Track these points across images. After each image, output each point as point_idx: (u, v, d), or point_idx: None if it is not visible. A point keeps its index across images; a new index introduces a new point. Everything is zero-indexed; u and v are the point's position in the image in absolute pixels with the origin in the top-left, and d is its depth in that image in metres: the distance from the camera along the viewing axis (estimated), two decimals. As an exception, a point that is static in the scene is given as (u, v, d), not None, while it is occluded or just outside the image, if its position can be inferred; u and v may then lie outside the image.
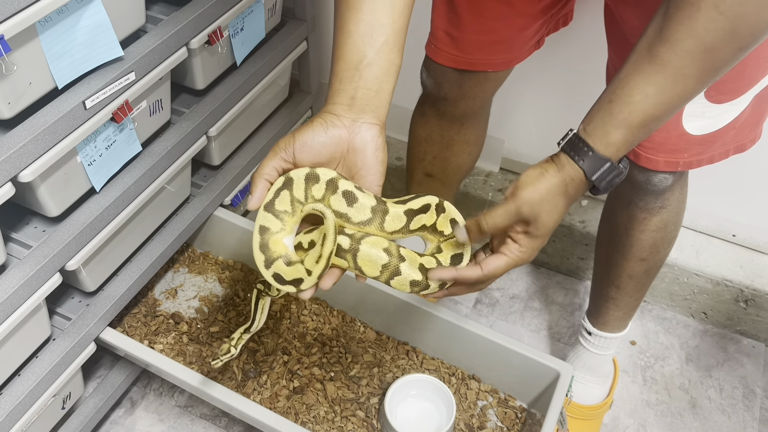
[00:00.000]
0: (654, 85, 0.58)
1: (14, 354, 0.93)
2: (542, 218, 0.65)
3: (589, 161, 0.63)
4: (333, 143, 0.67)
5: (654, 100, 0.59)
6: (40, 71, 0.82)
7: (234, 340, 0.86)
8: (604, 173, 0.63)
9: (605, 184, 0.64)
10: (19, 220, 0.97)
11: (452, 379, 1.15)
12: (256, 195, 0.68)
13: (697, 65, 0.56)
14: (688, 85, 0.58)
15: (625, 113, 0.60)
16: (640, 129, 0.61)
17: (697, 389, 1.33)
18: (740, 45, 0.55)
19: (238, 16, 1.10)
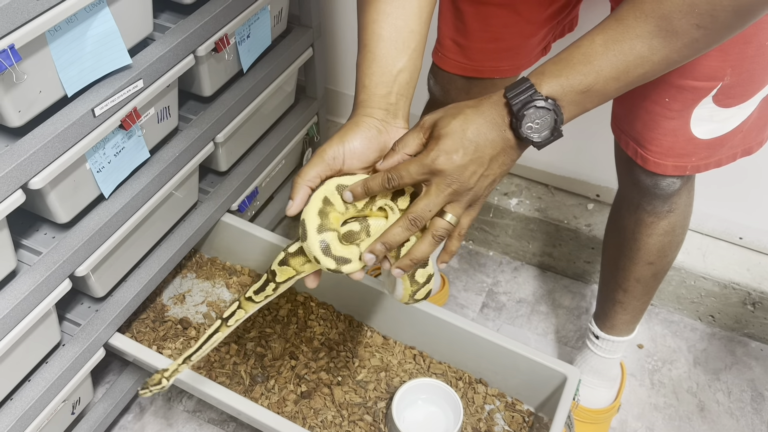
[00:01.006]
0: (604, 35, 0.59)
1: (25, 359, 0.94)
2: (443, 120, 0.63)
3: (513, 84, 0.62)
4: (380, 149, 0.68)
5: (597, 48, 0.59)
6: (50, 80, 0.83)
7: (168, 371, 0.82)
8: (519, 92, 0.60)
9: (519, 104, 0.60)
10: (30, 226, 0.98)
11: (459, 383, 1.15)
12: (297, 201, 0.68)
13: (649, 28, 0.56)
14: (635, 46, 0.57)
15: (567, 52, 0.60)
16: (576, 72, 0.59)
17: (705, 393, 1.32)
18: (696, 22, 0.55)
19: (244, 23, 1.11)
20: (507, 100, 0.61)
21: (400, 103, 0.69)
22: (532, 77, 0.61)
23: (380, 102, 0.68)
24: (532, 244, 1.50)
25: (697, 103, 0.81)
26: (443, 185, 0.63)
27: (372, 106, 0.68)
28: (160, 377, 0.82)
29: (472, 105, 0.63)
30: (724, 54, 0.75)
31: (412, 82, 0.70)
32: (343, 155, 0.68)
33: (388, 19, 0.67)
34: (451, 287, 1.48)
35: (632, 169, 0.93)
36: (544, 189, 1.51)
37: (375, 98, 0.68)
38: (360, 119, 0.68)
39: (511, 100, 0.61)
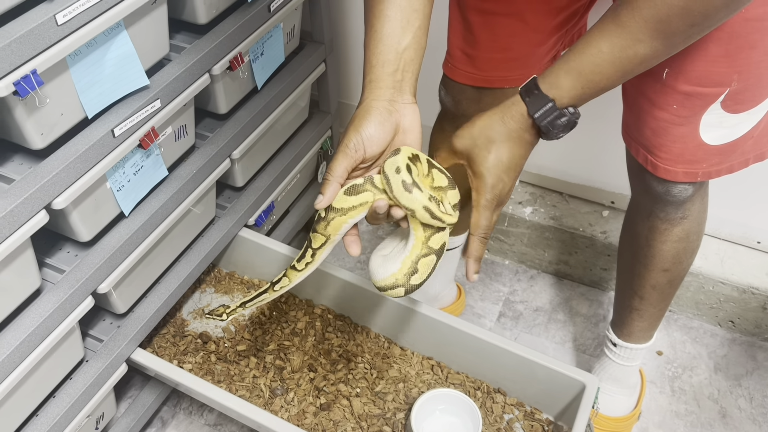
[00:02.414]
0: (608, 43, 0.64)
1: (49, 376, 0.96)
2: (477, 154, 0.71)
3: (534, 99, 0.68)
4: (393, 129, 0.73)
5: (606, 57, 0.64)
6: (71, 102, 0.85)
7: (230, 308, 0.91)
8: (545, 112, 0.68)
9: (546, 123, 0.68)
10: (53, 245, 1.01)
11: (478, 393, 1.15)
12: (328, 195, 0.73)
13: (650, 33, 0.61)
14: (639, 50, 0.63)
15: (577, 62, 0.66)
16: (588, 81, 0.66)
17: (726, 399, 1.31)
18: (691, 22, 0.60)
19: (258, 41, 1.13)
20: (533, 120, 0.69)
21: (407, 78, 0.73)
22: (550, 92, 0.68)
23: (388, 80, 0.72)
24: (547, 252, 1.51)
25: (705, 109, 0.81)
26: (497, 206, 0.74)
27: (381, 86, 0.72)
28: (223, 311, 0.91)
29: (499, 129, 0.70)
30: (730, 60, 0.75)
31: (417, 59, 0.74)
32: (363, 143, 0.72)
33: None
34: (468, 297, 1.48)
35: (644, 177, 0.93)
36: (559, 197, 1.51)
37: (383, 76, 0.72)
38: (369, 104, 0.72)
39: (537, 120, 0.69)
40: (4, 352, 0.85)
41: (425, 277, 0.78)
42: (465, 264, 0.79)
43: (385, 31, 0.72)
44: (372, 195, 0.74)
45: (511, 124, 0.70)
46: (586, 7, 0.96)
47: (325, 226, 0.77)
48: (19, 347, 0.86)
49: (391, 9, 0.71)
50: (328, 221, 0.76)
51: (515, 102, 0.70)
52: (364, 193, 0.74)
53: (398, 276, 0.77)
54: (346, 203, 0.75)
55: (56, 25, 0.77)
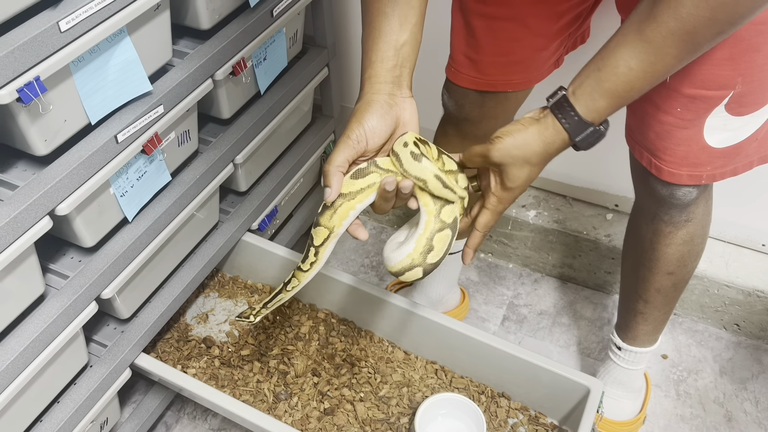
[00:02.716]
0: (638, 59, 0.64)
1: (54, 381, 0.96)
2: (511, 171, 0.72)
3: (575, 124, 0.69)
4: (394, 122, 0.75)
5: (636, 74, 0.65)
6: (74, 109, 0.86)
7: (256, 310, 0.90)
8: (587, 136, 0.69)
9: (586, 144, 0.70)
10: (56, 251, 1.01)
11: (482, 398, 1.15)
12: (335, 187, 0.73)
13: (678, 45, 0.62)
14: (668, 62, 0.64)
15: (611, 83, 0.66)
16: (622, 98, 0.67)
17: (732, 402, 1.31)
18: (718, 30, 0.60)
19: (260, 46, 1.13)
20: (576, 144, 0.70)
21: (404, 74, 0.75)
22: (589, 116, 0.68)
23: (387, 75, 0.74)
24: (551, 255, 1.50)
25: (710, 112, 0.81)
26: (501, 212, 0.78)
27: (380, 81, 0.74)
28: (249, 313, 0.90)
29: (540, 154, 0.71)
30: (734, 63, 0.75)
31: (414, 54, 0.76)
32: (366, 135, 0.73)
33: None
34: (472, 301, 1.48)
35: (648, 180, 0.93)
36: (563, 200, 1.50)
37: (382, 72, 0.74)
38: (370, 98, 0.74)
39: (580, 144, 0.70)
40: (8, 357, 0.85)
41: (442, 254, 0.77)
42: (462, 252, 0.81)
43: (383, 28, 0.73)
44: (378, 176, 0.74)
45: (551, 149, 0.71)
46: (588, 10, 0.96)
47: (331, 215, 0.76)
48: (24, 353, 0.86)
49: (388, 6, 0.73)
50: (335, 209, 0.75)
51: (556, 129, 0.70)
52: (371, 175, 0.74)
53: (414, 256, 0.77)
54: (354, 186, 0.74)
55: (59, 32, 0.77)
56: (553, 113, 0.70)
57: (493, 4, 0.92)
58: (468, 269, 1.54)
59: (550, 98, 0.70)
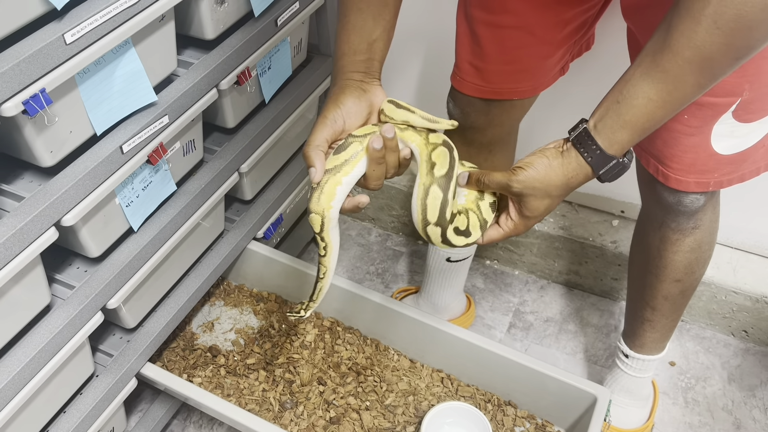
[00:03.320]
0: (657, 90, 0.63)
1: (60, 391, 0.96)
2: (533, 203, 0.72)
3: (597, 159, 0.69)
4: (369, 106, 0.76)
5: (656, 105, 0.64)
6: (80, 120, 0.86)
7: (305, 304, 0.88)
8: (610, 169, 0.69)
9: (611, 177, 0.70)
10: (62, 261, 1.01)
11: (488, 406, 1.14)
12: (318, 165, 0.72)
13: (695, 73, 0.61)
14: (687, 91, 0.63)
15: (630, 115, 0.65)
16: (643, 129, 0.67)
17: (741, 410, 1.30)
18: (736, 56, 0.59)
19: (265, 55, 1.13)
20: (600, 176, 0.70)
21: (375, 65, 0.77)
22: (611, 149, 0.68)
23: (359, 65, 0.76)
24: (557, 262, 1.50)
25: (717, 119, 0.80)
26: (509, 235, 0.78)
27: (352, 70, 0.76)
28: (300, 308, 0.88)
29: (561, 187, 0.71)
30: (741, 70, 0.74)
31: (385, 50, 0.79)
32: (343, 116, 0.74)
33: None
34: (478, 308, 1.48)
35: (654, 187, 0.93)
36: (568, 206, 1.50)
37: (355, 62, 0.76)
38: (345, 83, 0.75)
39: (603, 176, 0.70)
40: (15, 368, 0.85)
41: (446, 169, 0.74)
42: None
43: (357, 23, 0.76)
44: (360, 143, 0.73)
45: (573, 183, 0.71)
46: (594, 18, 0.96)
47: (318, 196, 0.74)
48: (30, 363, 0.86)
49: (363, 2, 0.75)
50: (321, 188, 0.73)
51: (579, 163, 0.69)
52: (352, 145, 0.73)
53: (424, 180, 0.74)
54: (337, 161, 0.73)
55: (65, 45, 0.77)
56: (575, 147, 0.69)
57: (498, 13, 0.91)
58: (474, 276, 1.53)
59: (572, 131, 0.70)
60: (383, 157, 0.73)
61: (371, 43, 0.76)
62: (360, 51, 0.76)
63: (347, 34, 0.76)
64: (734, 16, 0.56)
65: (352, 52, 0.76)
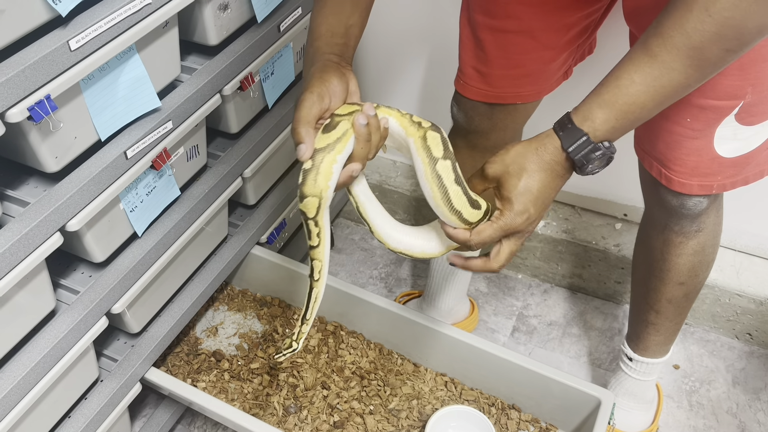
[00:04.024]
0: (642, 73, 0.63)
1: (65, 396, 0.96)
2: (507, 179, 0.70)
3: (567, 133, 0.68)
4: (346, 89, 0.75)
5: (639, 88, 0.63)
6: (84, 126, 0.86)
7: (295, 334, 0.85)
8: (579, 146, 0.67)
9: (581, 157, 0.68)
10: (67, 266, 1.01)
11: (492, 410, 1.14)
12: (308, 142, 0.70)
13: (683, 61, 0.61)
14: (673, 78, 0.62)
15: (611, 94, 0.65)
16: (623, 112, 0.65)
17: (745, 413, 1.29)
18: (726, 47, 0.59)
19: (268, 61, 1.14)
20: (567, 154, 0.68)
21: (350, 51, 0.78)
22: (584, 125, 0.67)
23: (336, 48, 0.76)
24: (561, 265, 1.50)
25: (720, 122, 0.81)
26: (517, 237, 0.73)
27: (330, 51, 0.76)
28: (290, 341, 0.85)
29: (533, 159, 0.69)
30: (743, 73, 0.75)
31: (359, 36, 0.80)
32: (329, 93, 0.72)
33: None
34: (481, 312, 1.48)
35: (658, 190, 0.93)
36: (571, 210, 1.50)
37: (332, 44, 0.76)
38: (326, 63, 0.75)
39: (571, 154, 0.68)
40: (20, 373, 0.85)
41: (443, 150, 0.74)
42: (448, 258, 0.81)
43: (336, 6, 0.77)
44: (348, 122, 0.71)
45: (545, 156, 0.69)
46: (596, 22, 0.96)
47: (315, 176, 0.70)
48: (35, 368, 0.87)
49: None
50: (317, 169, 0.70)
51: (549, 135, 0.69)
52: (341, 123, 0.71)
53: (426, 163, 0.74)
54: (330, 138, 0.70)
55: (69, 51, 0.78)
56: (553, 128, 0.70)
57: (501, 18, 0.92)
58: (477, 280, 1.53)
59: None
60: (370, 134, 0.71)
61: (348, 27, 0.77)
62: (338, 34, 0.76)
63: (325, 17, 0.77)
64: (727, 6, 0.56)
65: (330, 34, 0.76)
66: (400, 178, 1.59)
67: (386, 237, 0.81)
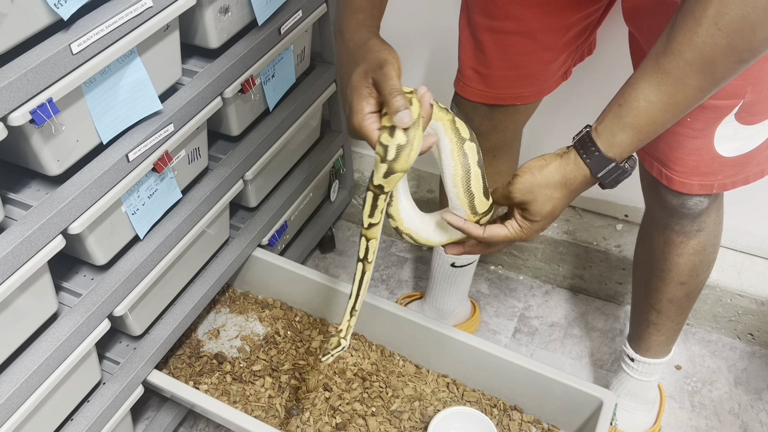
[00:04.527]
0: (658, 92, 0.63)
1: (67, 399, 0.97)
2: (534, 207, 0.72)
3: (595, 160, 0.68)
4: None
5: (657, 107, 0.64)
6: (86, 129, 0.87)
7: (343, 331, 0.83)
8: (608, 172, 0.69)
9: (610, 180, 0.69)
10: (69, 269, 1.02)
11: (494, 411, 1.14)
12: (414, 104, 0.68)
13: (697, 75, 0.61)
14: (689, 93, 0.62)
15: (632, 117, 0.65)
16: (645, 132, 0.66)
17: (747, 413, 1.29)
18: (738, 59, 0.59)
19: (269, 64, 1.14)
20: (599, 180, 0.70)
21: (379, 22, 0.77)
22: (610, 151, 0.67)
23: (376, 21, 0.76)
24: (562, 267, 1.50)
25: (720, 122, 0.81)
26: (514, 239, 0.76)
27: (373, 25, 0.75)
28: (338, 339, 0.83)
29: (561, 186, 0.71)
30: (743, 73, 0.75)
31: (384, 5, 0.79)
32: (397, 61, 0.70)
33: None
34: (483, 313, 1.48)
35: (658, 190, 0.93)
36: (572, 211, 1.50)
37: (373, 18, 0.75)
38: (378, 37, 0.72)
39: (601, 178, 0.69)
40: (23, 375, 0.85)
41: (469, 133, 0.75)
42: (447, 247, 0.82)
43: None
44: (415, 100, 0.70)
45: (573, 186, 0.70)
46: (595, 23, 0.96)
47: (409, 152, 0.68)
48: (38, 371, 0.87)
49: None
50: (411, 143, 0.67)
51: (576, 163, 0.69)
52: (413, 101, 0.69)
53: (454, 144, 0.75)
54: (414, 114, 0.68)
55: (71, 54, 0.78)
56: (576, 150, 0.70)
57: (501, 19, 0.92)
58: (478, 281, 1.53)
59: (576, 136, 0.70)
60: None
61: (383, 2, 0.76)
62: (376, 6, 0.75)
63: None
64: (736, 18, 0.56)
65: (371, 6, 0.75)
66: (401, 180, 1.60)
67: (403, 213, 0.81)
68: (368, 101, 0.68)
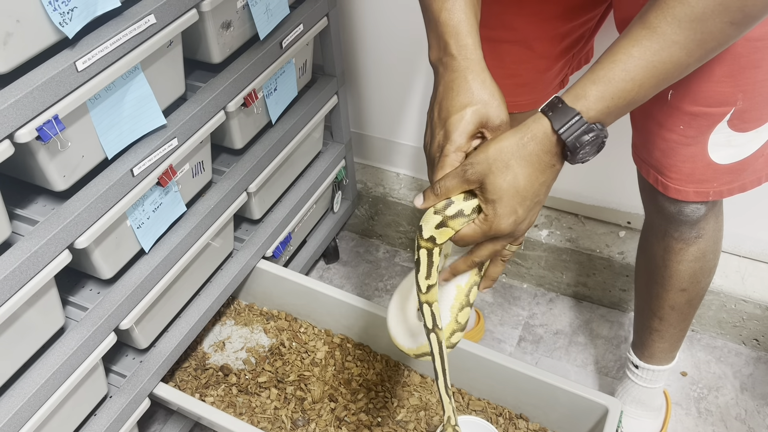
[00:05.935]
0: (640, 47, 0.58)
1: (74, 413, 0.97)
2: (491, 180, 0.63)
3: (557, 113, 0.61)
4: None
5: (637, 62, 0.58)
6: (92, 144, 0.88)
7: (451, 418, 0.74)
8: (571, 126, 0.60)
9: (573, 139, 0.61)
10: (75, 283, 1.03)
11: (500, 420, 1.14)
12: None
13: (685, 33, 0.56)
14: (674, 53, 0.57)
15: (606, 70, 0.59)
16: (619, 90, 0.59)
17: (754, 419, 1.29)
18: (730, 19, 0.55)
19: (271, 77, 1.15)
20: (558, 135, 0.61)
21: None
22: (576, 104, 0.60)
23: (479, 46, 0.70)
24: (565, 274, 1.50)
25: (712, 129, 0.81)
26: (505, 238, 0.68)
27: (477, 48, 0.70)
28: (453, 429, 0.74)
29: (516, 152, 0.62)
30: (734, 79, 0.76)
31: None
32: None
33: None
34: (487, 322, 1.48)
35: (656, 197, 0.93)
36: (575, 219, 1.51)
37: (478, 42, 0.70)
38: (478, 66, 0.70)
39: (563, 135, 0.61)
40: (30, 390, 0.86)
41: None
42: None
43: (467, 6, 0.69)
44: None
45: (531, 145, 0.62)
46: (591, 31, 0.97)
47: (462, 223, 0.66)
48: (45, 385, 0.88)
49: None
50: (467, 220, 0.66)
51: (536, 119, 0.62)
52: None
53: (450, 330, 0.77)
54: None
55: (76, 72, 0.80)
56: (542, 111, 0.63)
57: (497, 28, 0.93)
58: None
59: None
60: None
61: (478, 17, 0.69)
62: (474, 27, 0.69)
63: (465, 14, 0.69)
64: None
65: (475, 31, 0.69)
66: (404, 190, 1.61)
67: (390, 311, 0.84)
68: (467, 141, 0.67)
